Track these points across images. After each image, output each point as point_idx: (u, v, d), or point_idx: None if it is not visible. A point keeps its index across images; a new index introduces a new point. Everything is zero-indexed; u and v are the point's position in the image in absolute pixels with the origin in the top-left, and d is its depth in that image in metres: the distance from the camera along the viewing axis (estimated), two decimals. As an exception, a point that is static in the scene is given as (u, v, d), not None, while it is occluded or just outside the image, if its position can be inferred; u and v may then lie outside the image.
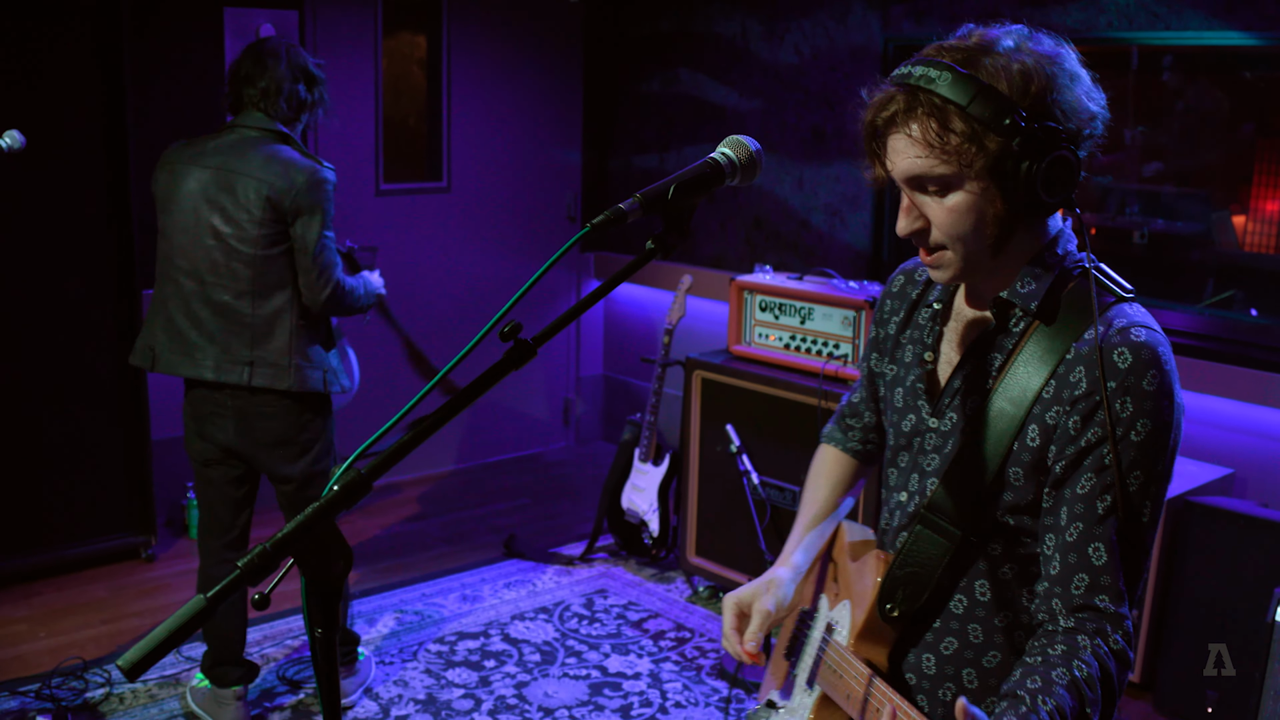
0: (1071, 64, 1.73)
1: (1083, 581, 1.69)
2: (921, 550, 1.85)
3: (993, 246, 1.74)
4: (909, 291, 2.04)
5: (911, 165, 1.70)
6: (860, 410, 2.21)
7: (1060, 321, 1.75)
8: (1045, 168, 1.64)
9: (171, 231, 3.78)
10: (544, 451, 7.03)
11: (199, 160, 3.74)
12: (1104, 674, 1.65)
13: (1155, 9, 4.43)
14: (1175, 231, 4.86)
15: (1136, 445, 1.68)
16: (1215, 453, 4.47)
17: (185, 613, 1.20)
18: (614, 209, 1.46)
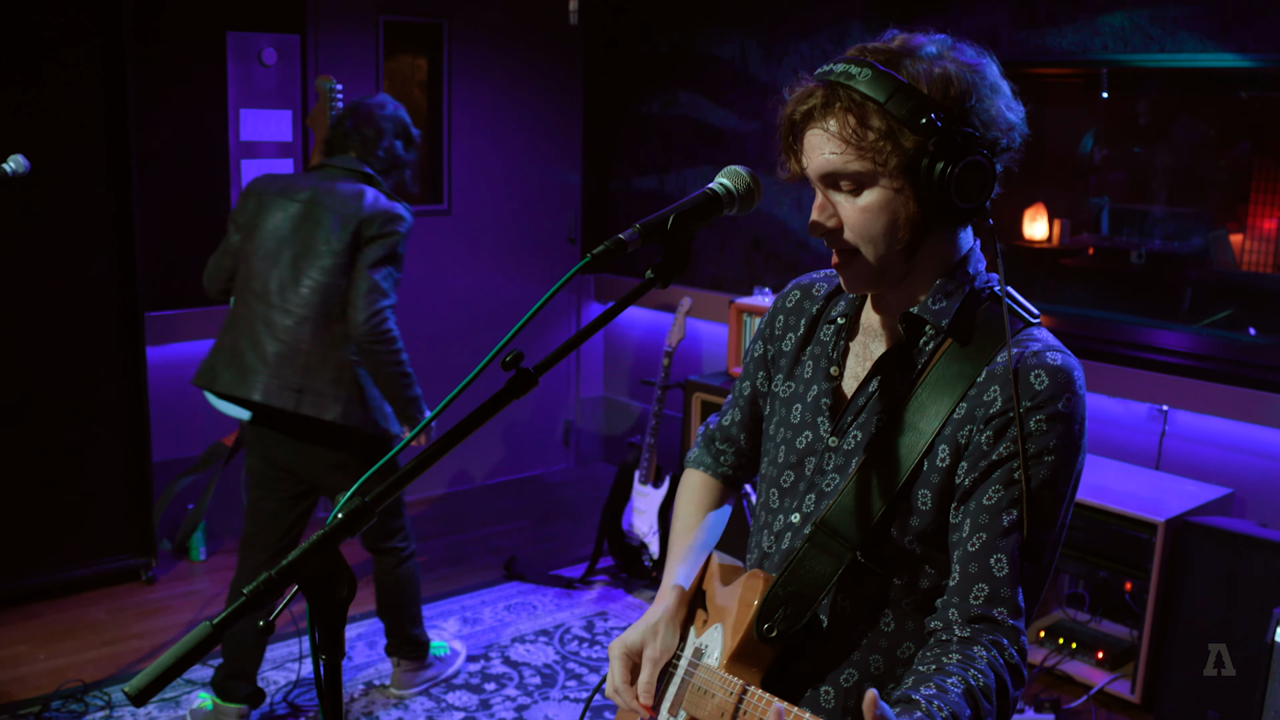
0: (993, 75, 1.73)
1: (982, 592, 1.65)
2: (808, 569, 1.76)
3: (904, 251, 1.71)
4: (807, 307, 1.98)
5: (826, 161, 1.68)
6: (733, 434, 2.12)
7: (973, 343, 1.73)
8: (959, 171, 1.63)
9: (252, 257, 3.92)
10: (544, 473, 7.04)
11: (288, 193, 3.92)
12: (1000, 686, 1.61)
13: (1150, 31, 4.46)
14: (1173, 251, 4.88)
15: (1048, 465, 1.66)
16: (1214, 472, 4.48)
17: (192, 639, 1.21)
18: (614, 239, 1.47)
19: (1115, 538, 4.20)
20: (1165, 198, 4.94)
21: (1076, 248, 5.21)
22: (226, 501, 5.78)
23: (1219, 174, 4.78)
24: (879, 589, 1.77)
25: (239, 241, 3.99)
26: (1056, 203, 5.18)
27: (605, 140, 6.83)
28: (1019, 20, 4.80)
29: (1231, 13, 4.25)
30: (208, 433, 5.70)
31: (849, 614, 1.79)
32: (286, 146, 5.66)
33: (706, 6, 6.11)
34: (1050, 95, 5.19)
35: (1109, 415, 4.76)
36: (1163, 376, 4.54)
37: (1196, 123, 4.78)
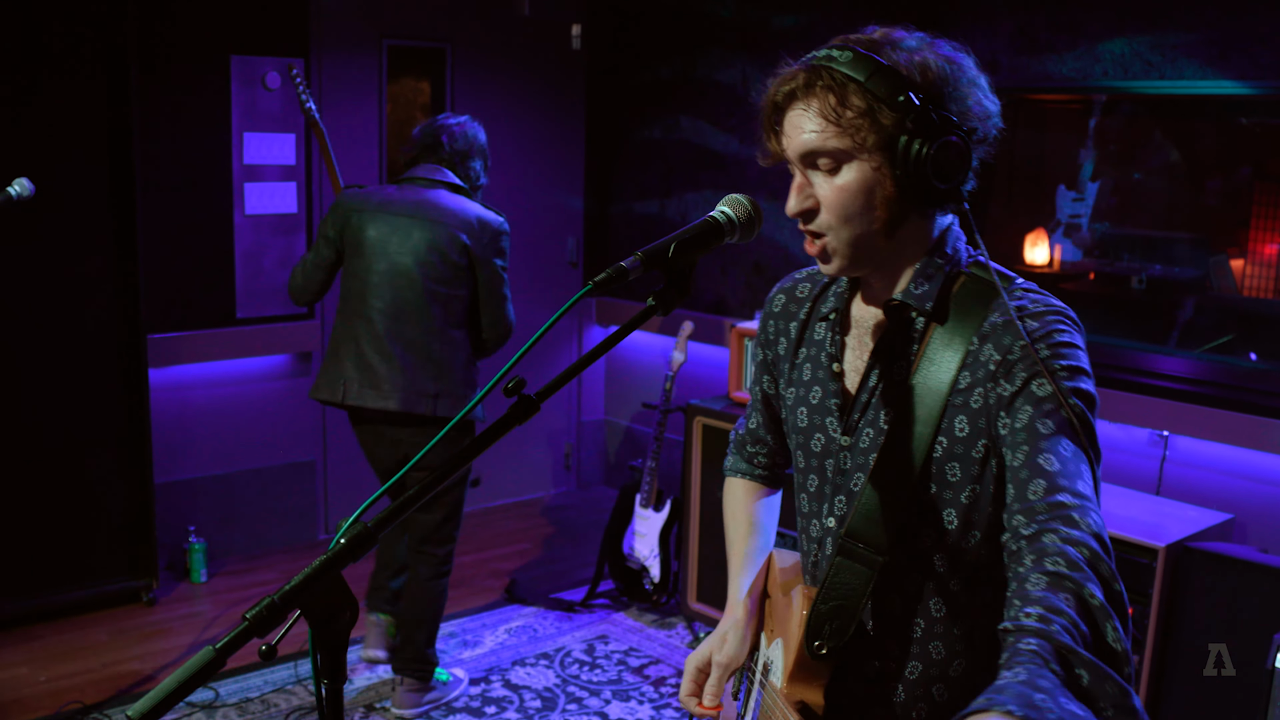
0: (970, 68, 1.76)
1: (1040, 485, 1.58)
2: (843, 582, 1.78)
3: (882, 230, 1.73)
4: (793, 310, 2.01)
5: (807, 139, 1.71)
6: (762, 436, 2.17)
7: (957, 317, 1.75)
8: (936, 151, 1.66)
9: (364, 272, 4.10)
10: (545, 496, 7.04)
11: (389, 207, 4.10)
12: (1085, 554, 1.47)
13: (1150, 58, 4.48)
14: (1173, 276, 4.89)
15: (1066, 370, 1.65)
16: (1215, 498, 4.48)
17: (195, 664, 1.22)
18: (616, 267, 1.48)
19: (1116, 563, 4.20)
20: (1166, 223, 4.95)
21: (1077, 272, 5.22)
22: (228, 522, 5.79)
23: (1219, 200, 4.79)
24: (922, 580, 1.79)
25: (332, 257, 4.21)
26: (1057, 228, 5.19)
27: (607, 164, 6.85)
28: (1018, 47, 4.83)
29: (1231, 40, 4.27)
30: (211, 454, 5.72)
31: (899, 612, 1.81)
32: (290, 170, 5.68)
33: (708, 32, 6.13)
34: (1050, 121, 5.21)
35: (1109, 440, 4.76)
36: (1163, 402, 4.54)
37: (1195, 149, 4.80)
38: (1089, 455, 1.62)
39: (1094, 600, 1.41)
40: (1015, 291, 1.76)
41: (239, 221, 5.58)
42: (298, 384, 5.95)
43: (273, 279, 5.71)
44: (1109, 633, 1.40)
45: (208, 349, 5.57)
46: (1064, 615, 1.37)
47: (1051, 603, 1.39)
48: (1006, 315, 1.71)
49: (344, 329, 4.17)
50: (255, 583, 5.56)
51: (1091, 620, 1.39)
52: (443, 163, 4.22)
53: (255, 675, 4.57)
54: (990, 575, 1.78)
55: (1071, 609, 1.39)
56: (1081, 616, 1.39)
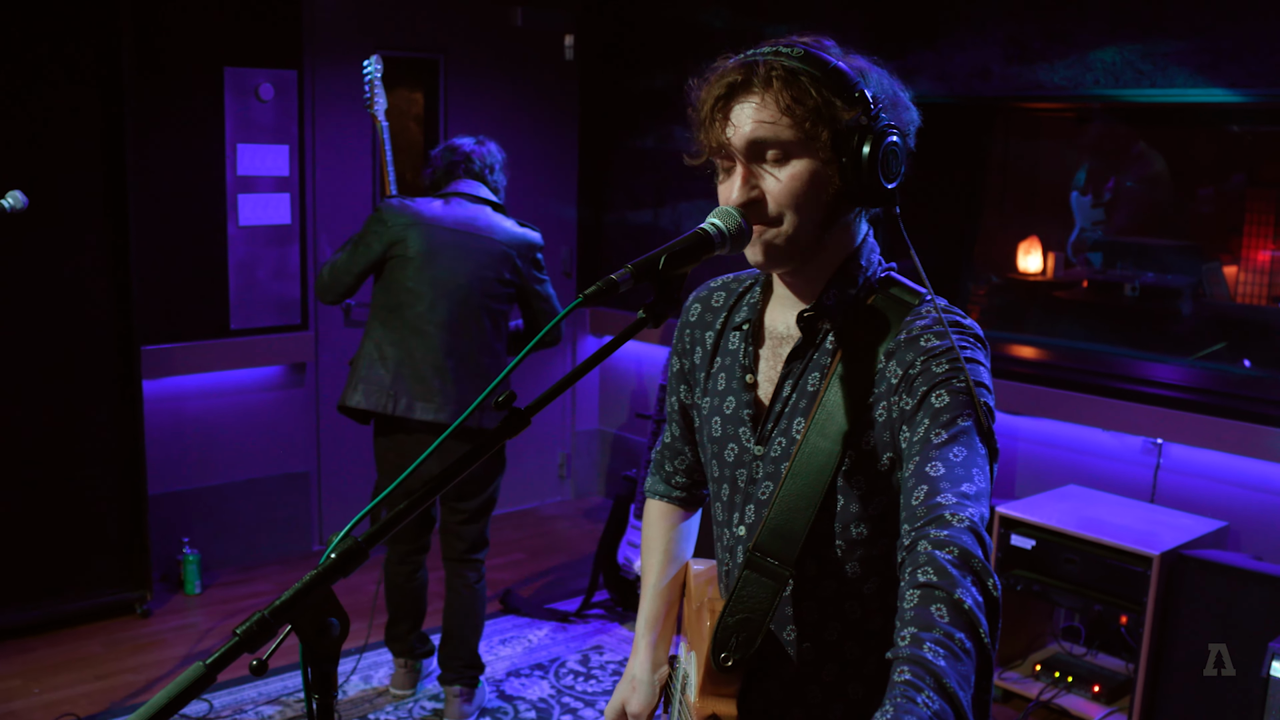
0: (892, 80, 1.78)
1: (921, 491, 1.58)
2: (750, 595, 1.77)
3: (819, 227, 1.74)
4: (708, 319, 2.00)
5: (757, 129, 1.70)
6: (679, 448, 2.16)
7: (866, 331, 1.76)
8: (884, 150, 1.67)
9: (420, 285, 4.14)
10: (539, 506, 7.03)
11: (443, 222, 4.18)
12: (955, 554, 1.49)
13: (1141, 66, 4.49)
14: (1166, 284, 4.90)
15: (963, 382, 1.65)
16: (1208, 506, 4.49)
17: (185, 679, 1.22)
18: (606, 280, 1.48)
19: (1110, 571, 4.20)
20: (1159, 231, 4.96)
21: (1070, 280, 5.23)
22: (222, 534, 5.78)
23: (1212, 207, 4.80)
24: (836, 585, 1.79)
25: (368, 266, 4.20)
26: (1050, 236, 5.20)
27: (601, 175, 6.86)
28: (1010, 56, 4.84)
29: (1221, 49, 4.28)
30: (205, 466, 5.71)
31: (814, 618, 1.81)
32: (283, 181, 5.68)
33: (701, 42, 6.14)
34: (1043, 130, 5.22)
35: (1103, 448, 4.77)
36: (1157, 410, 4.55)
37: (1187, 156, 4.81)
38: (981, 459, 1.62)
39: (964, 605, 1.44)
40: (924, 309, 1.76)
41: (232, 232, 5.58)
42: (292, 395, 5.95)
43: (266, 290, 5.71)
44: (982, 634, 1.44)
45: (201, 360, 5.57)
46: (935, 629, 1.42)
47: (923, 619, 1.44)
48: (910, 332, 1.72)
49: (391, 340, 4.16)
50: (249, 594, 5.55)
51: (966, 623, 1.43)
52: (478, 179, 4.32)
53: (249, 687, 4.56)
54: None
55: (944, 619, 1.43)
56: (955, 623, 1.43)
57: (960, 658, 1.40)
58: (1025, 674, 4.56)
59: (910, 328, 1.73)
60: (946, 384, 1.65)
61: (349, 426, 6.12)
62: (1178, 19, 4.38)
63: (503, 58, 6.44)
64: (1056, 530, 4.31)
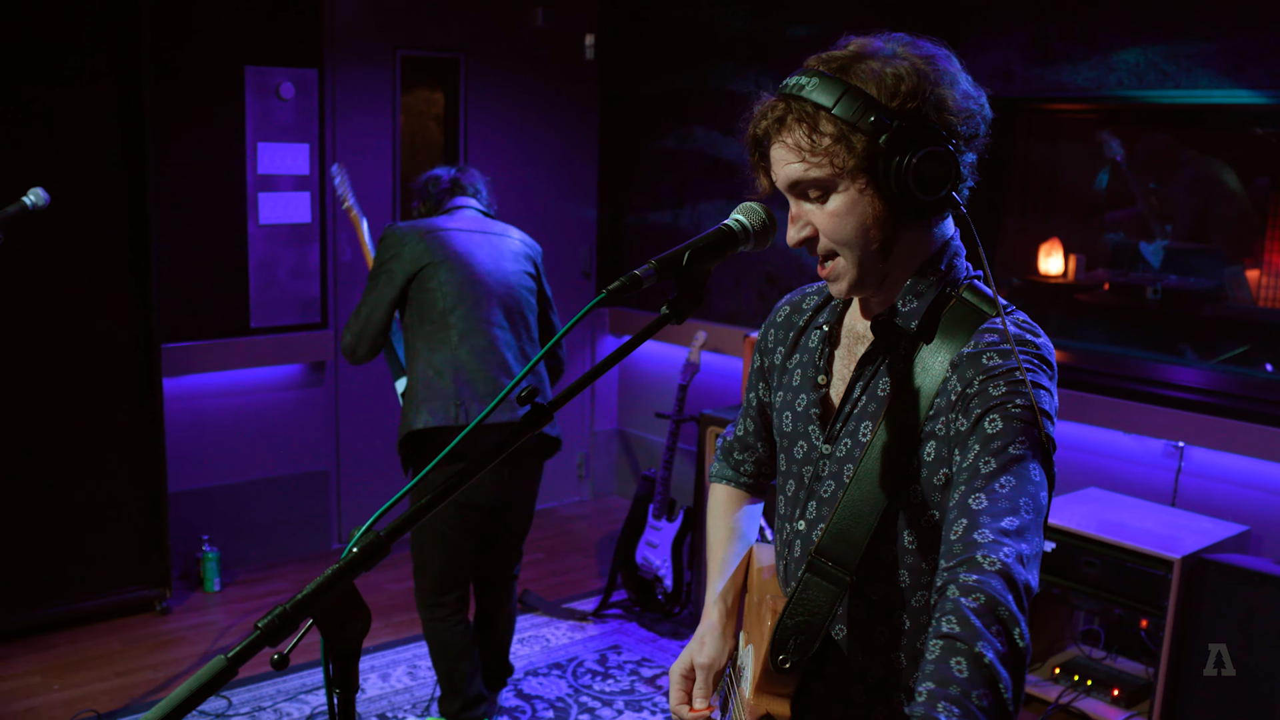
0: (949, 65, 1.74)
1: (960, 526, 1.57)
2: (810, 599, 1.77)
3: (880, 250, 1.73)
4: (795, 320, 2.02)
5: (790, 172, 1.71)
6: (751, 443, 2.18)
7: (941, 340, 1.74)
8: (916, 163, 1.64)
9: (455, 288, 3.96)
10: (558, 506, 7.03)
11: (457, 227, 4.07)
12: (980, 602, 1.47)
13: (1165, 67, 4.47)
14: (1188, 287, 4.87)
15: (1020, 408, 1.62)
16: (1230, 510, 4.46)
17: (206, 673, 1.21)
18: (629, 275, 1.48)
19: (1131, 574, 4.18)
20: (1181, 234, 4.93)
21: (1092, 283, 5.21)
22: (241, 532, 5.80)
23: (1235, 210, 4.77)
24: (886, 590, 1.79)
25: (399, 290, 3.97)
26: (1071, 238, 5.18)
27: (620, 174, 6.85)
28: (1032, 57, 4.82)
29: (1246, 50, 4.25)
30: (225, 464, 5.72)
31: (864, 619, 1.81)
32: (304, 180, 5.69)
33: (721, 42, 6.14)
34: (1065, 132, 5.20)
35: (1124, 451, 4.74)
36: (1179, 413, 4.52)
37: (1212, 159, 4.78)
38: (1033, 488, 1.59)
39: (984, 659, 1.44)
40: (995, 324, 1.74)
41: (253, 231, 5.59)
42: (311, 393, 5.96)
43: (286, 289, 5.72)
44: (1001, 689, 1.44)
45: (221, 358, 5.58)
46: (953, 685, 1.43)
47: (942, 674, 1.45)
48: (977, 345, 1.70)
49: (440, 353, 3.93)
50: (268, 592, 5.56)
51: (985, 679, 1.44)
52: (472, 194, 4.22)
53: (268, 684, 4.57)
54: None
55: (962, 674, 1.44)
56: (973, 679, 1.44)
57: (976, 716, 1.41)
58: (1044, 677, 4.54)
59: (978, 341, 1.71)
60: (1001, 408, 1.63)
61: (368, 425, 6.14)
62: (1202, 20, 4.36)
63: (523, 57, 6.44)
64: (1077, 533, 4.29)
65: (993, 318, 1.74)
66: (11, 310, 4.78)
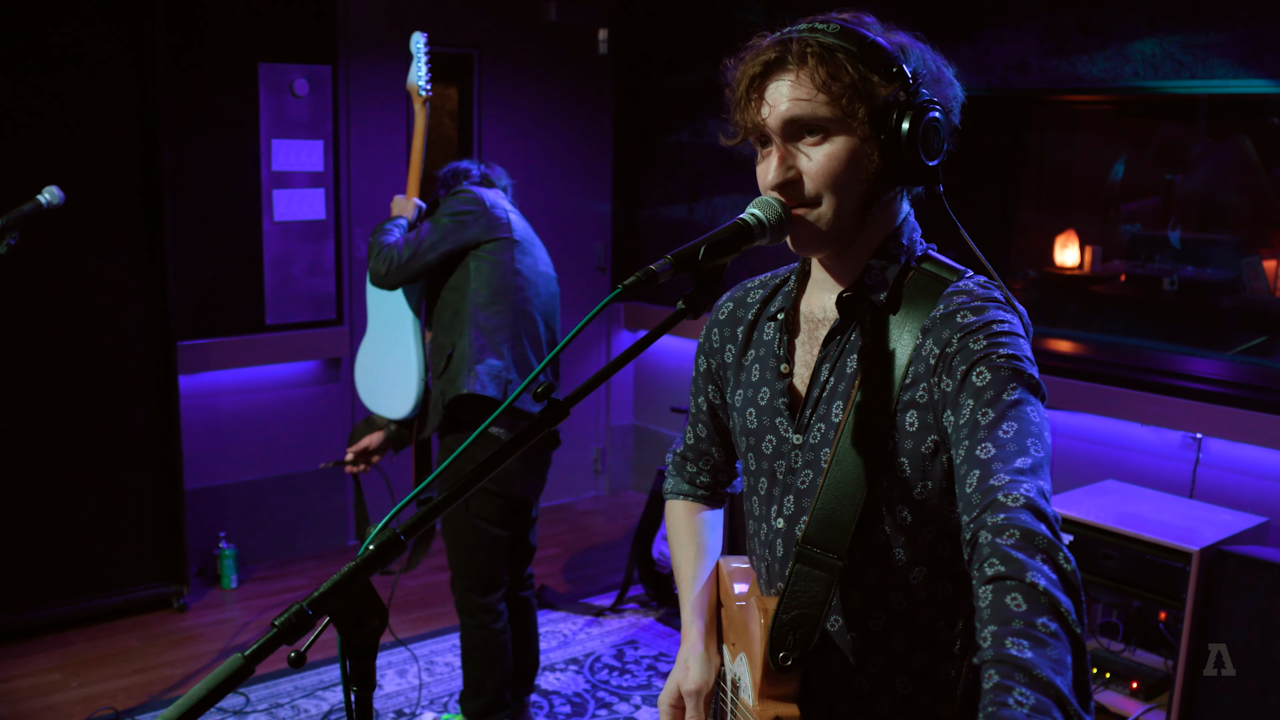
0: (934, 55, 1.76)
1: (975, 476, 1.53)
2: (803, 590, 1.73)
3: (860, 206, 1.71)
4: (741, 315, 1.97)
5: (792, 108, 1.68)
6: (704, 449, 2.12)
7: (906, 311, 1.73)
8: (924, 126, 1.65)
9: (524, 270, 4.00)
10: (574, 501, 7.03)
11: (524, 221, 4.13)
12: (1016, 537, 1.43)
13: (1181, 58, 4.45)
14: (1205, 278, 4.85)
15: (1004, 356, 1.61)
16: (1249, 501, 4.44)
17: (224, 670, 1.21)
18: (645, 270, 1.46)
19: (1149, 567, 4.17)
20: (1198, 224, 4.91)
21: (1108, 275, 5.19)
22: (258, 528, 5.81)
23: (1252, 200, 4.75)
24: (881, 573, 1.76)
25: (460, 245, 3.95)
26: (1088, 230, 5.16)
27: (635, 169, 6.85)
28: (1048, 48, 4.80)
29: (1263, 40, 4.23)
30: (241, 460, 5.73)
31: (859, 606, 1.78)
32: (318, 176, 5.69)
33: (735, 36, 6.11)
34: (1081, 122, 5.17)
35: (1142, 443, 4.73)
36: (1196, 404, 4.50)
37: (1229, 148, 4.76)
38: (1035, 428, 1.57)
39: (1038, 587, 1.38)
40: (960, 286, 1.74)
41: (267, 228, 5.60)
42: (327, 390, 5.96)
43: (301, 285, 5.72)
44: (1064, 612, 1.38)
45: (237, 355, 5.59)
46: (1015, 621, 1.36)
47: (1000, 613, 1.38)
48: (948, 308, 1.70)
49: (496, 325, 3.92)
50: (285, 588, 5.58)
51: (1045, 606, 1.37)
52: (502, 191, 4.20)
53: (285, 680, 4.58)
54: (949, 569, 1.76)
55: (1021, 608, 1.37)
56: (1033, 609, 1.37)
57: (1047, 643, 1.34)
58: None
59: (947, 303, 1.70)
60: (986, 359, 1.61)
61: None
62: (1218, 10, 4.34)
63: (537, 52, 6.44)
64: (1095, 525, 4.27)
65: (954, 282, 1.74)
66: (27, 308, 4.80)
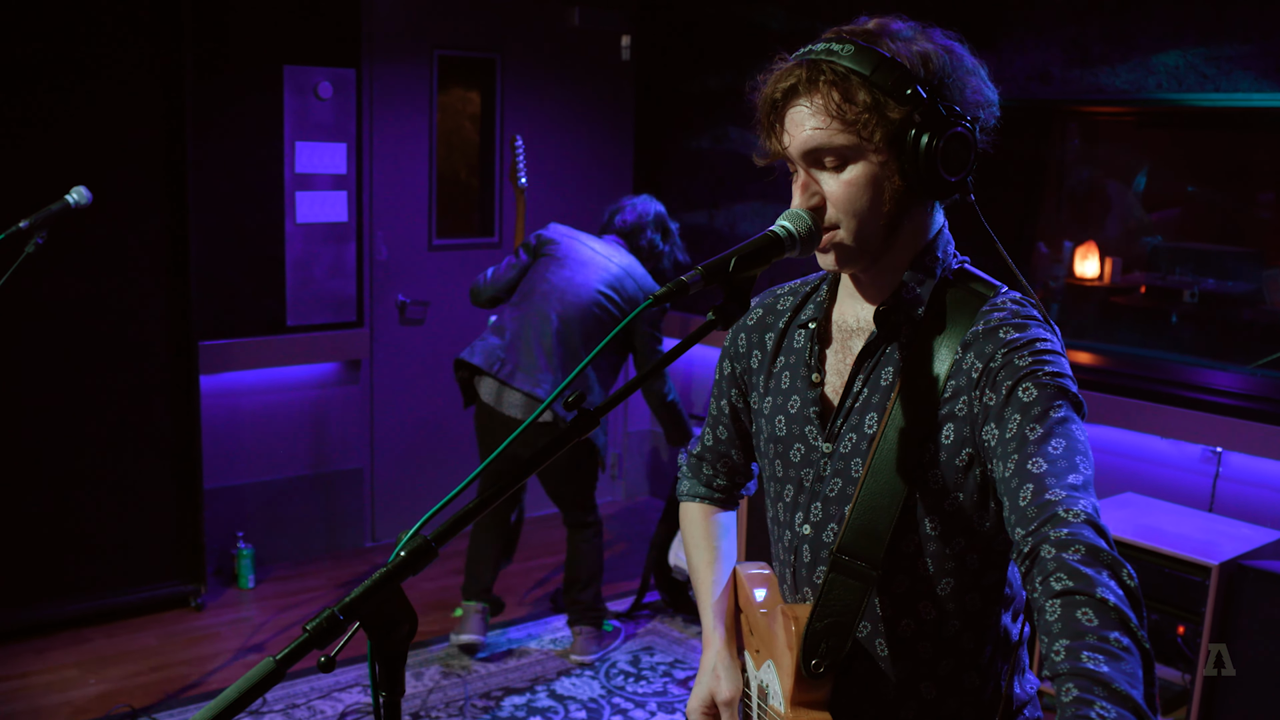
0: (966, 56, 1.74)
1: (1028, 490, 1.54)
2: (838, 598, 1.73)
3: (886, 227, 1.71)
4: (770, 321, 1.97)
5: (811, 136, 1.69)
6: (723, 451, 2.12)
7: (944, 324, 1.73)
8: (944, 143, 1.64)
9: (551, 278, 4.74)
10: (590, 505, 7.03)
11: (575, 238, 4.90)
12: (1082, 552, 1.44)
13: (1204, 70, 4.44)
14: (1226, 291, 4.84)
15: (1049, 374, 1.63)
16: (1269, 516, 4.43)
17: (255, 674, 1.22)
18: (676, 281, 1.47)
19: (1167, 580, 4.16)
20: (1219, 237, 4.90)
21: (1129, 286, 5.18)
22: (274, 528, 5.83)
23: (1274, 213, 4.74)
24: (909, 582, 1.77)
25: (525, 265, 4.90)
26: (1108, 241, 5.15)
27: (655, 175, 6.85)
28: (1071, 59, 4.80)
29: (1288, 53, 4.22)
30: (260, 461, 5.75)
31: (888, 613, 1.78)
32: (341, 179, 5.72)
33: (757, 43, 6.13)
34: (1102, 134, 5.17)
35: (1161, 456, 4.72)
36: (1216, 418, 4.49)
37: (1250, 161, 4.75)
38: (1083, 447, 1.58)
39: (1109, 603, 1.39)
40: (1000, 301, 1.75)
41: (290, 230, 5.62)
42: (347, 391, 5.98)
43: (323, 287, 5.74)
44: (1134, 628, 1.38)
45: (258, 356, 5.61)
46: (1089, 635, 1.37)
47: (1073, 627, 1.39)
48: (989, 323, 1.70)
49: (513, 317, 4.75)
50: (302, 589, 5.59)
51: (1116, 621, 1.38)
52: (624, 236, 4.93)
53: (301, 681, 4.59)
54: (977, 582, 1.77)
55: (1093, 623, 1.38)
56: (1105, 624, 1.38)
57: (1121, 657, 1.35)
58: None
59: (988, 319, 1.71)
60: (1033, 376, 1.62)
61: (403, 424, 6.17)
62: (1242, 22, 4.33)
63: (559, 58, 6.45)
64: (1114, 538, 4.26)
65: (991, 298, 1.75)
66: (51, 307, 4.82)
